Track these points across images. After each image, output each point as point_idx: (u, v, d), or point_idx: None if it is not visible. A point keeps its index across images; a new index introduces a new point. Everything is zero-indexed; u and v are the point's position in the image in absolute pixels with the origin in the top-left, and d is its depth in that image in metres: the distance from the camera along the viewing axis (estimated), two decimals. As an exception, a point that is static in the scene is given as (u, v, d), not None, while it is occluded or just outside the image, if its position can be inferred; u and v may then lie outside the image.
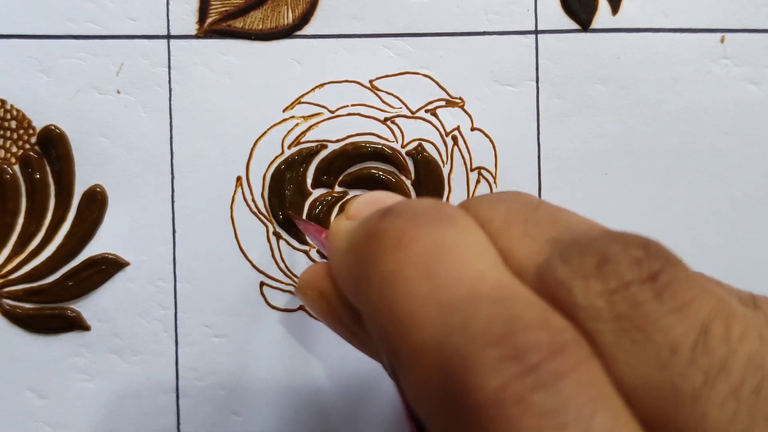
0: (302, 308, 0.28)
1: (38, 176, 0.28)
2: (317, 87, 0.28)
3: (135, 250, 0.28)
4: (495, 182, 0.28)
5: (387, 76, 0.28)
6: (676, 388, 0.12)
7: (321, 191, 0.28)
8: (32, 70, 0.27)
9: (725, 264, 0.29)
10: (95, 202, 0.28)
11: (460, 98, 0.28)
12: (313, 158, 0.28)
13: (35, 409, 0.28)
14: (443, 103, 0.28)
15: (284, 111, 0.28)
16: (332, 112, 0.28)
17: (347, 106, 0.28)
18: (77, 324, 0.28)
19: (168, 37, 0.28)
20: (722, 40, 0.29)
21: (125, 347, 0.28)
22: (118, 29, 0.27)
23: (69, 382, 0.28)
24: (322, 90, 0.28)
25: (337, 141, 0.28)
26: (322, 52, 0.28)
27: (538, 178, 0.28)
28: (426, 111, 0.28)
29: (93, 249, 0.28)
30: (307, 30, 0.28)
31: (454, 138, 0.28)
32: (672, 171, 0.29)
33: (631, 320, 0.12)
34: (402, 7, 0.28)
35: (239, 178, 0.28)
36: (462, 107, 0.28)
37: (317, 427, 0.28)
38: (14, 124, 0.27)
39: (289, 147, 0.28)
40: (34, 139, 0.27)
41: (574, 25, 0.28)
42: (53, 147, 0.27)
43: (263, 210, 0.28)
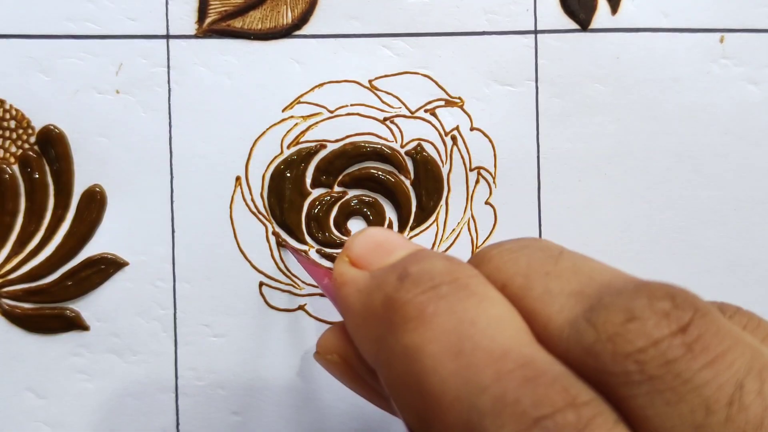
0: (301, 308, 0.28)
1: (37, 176, 0.28)
2: (316, 87, 0.28)
3: (134, 250, 0.28)
4: (494, 182, 0.28)
5: (386, 76, 0.28)
6: None
7: (320, 191, 0.28)
8: (31, 70, 0.27)
9: (725, 264, 0.29)
10: (94, 202, 0.28)
11: (460, 98, 0.28)
12: (313, 158, 0.28)
13: (34, 409, 0.28)
14: (442, 103, 0.28)
15: (283, 111, 0.28)
16: (331, 112, 0.28)
17: (346, 106, 0.28)
18: (76, 324, 0.28)
19: (167, 37, 0.28)
20: (722, 40, 0.28)
21: (124, 347, 0.28)
22: (118, 29, 0.27)
23: (68, 382, 0.28)
24: (322, 90, 0.28)
25: (337, 141, 0.28)
26: (322, 52, 0.28)
27: (538, 178, 0.28)
28: (425, 111, 0.28)
29: (92, 249, 0.28)
30: (307, 30, 0.28)
31: (454, 138, 0.28)
32: (671, 171, 0.29)
33: (664, 380, 0.12)
34: (401, 7, 0.28)
35: (238, 178, 0.28)
36: (461, 107, 0.28)
37: (317, 427, 0.28)
38: (13, 124, 0.27)
39: (289, 147, 0.28)
40: (33, 139, 0.28)
41: (574, 25, 0.28)
42: (52, 147, 0.27)
43: (262, 210, 0.28)
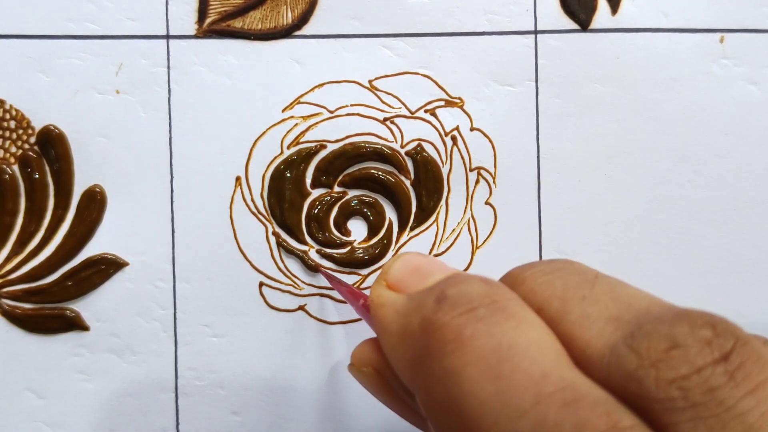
0: (301, 308, 0.28)
1: (37, 176, 0.28)
2: (316, 87, 0.28)
3: (134, 250, 0.28)
4: (494, 182, 0.28)
5: (386, 76, 0.28)
6: None
7: (320, 191, 0.28)
8: (31, 70, 0.27)
9: (725, 264, 0.29)
10: (94, 202, 0.28)
11: (460, 98, 0.28)
12: (313, 158, 0.28)
13: (34, 409, 0.28)
14: (442, 103, 0.28)
15: (283, 111, 0.28)
16: (331, 112, 0.28)
17: (346, 106, 0.28)
18: (76, 324, 0.28)
19: (167, 37, 0.28)
20: (721, 40, 0.28)
21: (124, 347, 0.28)
22: (118, 29, 0.27)
23: (68, 382, 0.28)
24: (322, 90, 0.28)
25: (337, 141, 0.28)
26: (322, 52, 0.28)
27: (538, 178, 0.28)
28: (425, 111, 0.28)
29: (92, 249, 0.28)
30: (307, 30, 0.28)
31: (454, 138, 0.28)
32: (671, 171, 0.29)
33: (707, 407, 0.12)
34: (401, 7, 0.28)
35: (238, 178, 0.28)
36: (461, 107, 0.28)
37: (317, 427, 0.28)
38: (13, 124, 0.27)
39: (289, 147, 0.28)
40: (33, 139, 0.28)
41: (574, 25, 0.28)
42: (52, 147, 0.27)
43: (262, 210, 0.28)
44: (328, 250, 0.28)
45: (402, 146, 0.28)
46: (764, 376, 0.13)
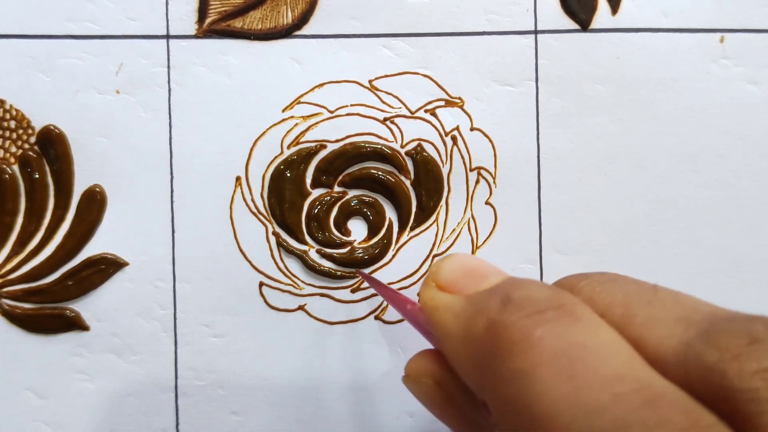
0: (301, 308, 0.28)
1: (37, 176, 0.28)
2: (316, 87, 0.28)
3: (134, 250, 0.28)
4: (494, 182, 0.28)
5: (386, 76, 0.28)
6: None
7: (320, 191, 0.28)
8: (31, 70, 0.27)
9: (726, 264, 0.29)
10: (94, 202, 0.28)
11: (460, 98, 0.28)
12: (313, 158, 0.28)
13: (34, 409, 0.28)
14: (442, 103, 0.28)
15: (283, 111, 0.28)
16: (331, 112, 0.28)
17: (346, 106, 0.28)
18: (76, 324, 0.28)
19: (167, 37, 0.28)
20: (722, 40, 0.28)
21: (124, 347, 0.28)
22: (118, 29, 0.27)
23: (68, 382, 0.28)
24: (322, 90, 0.28)
25: (337, 141, 0.28)
26: (322, 52, 0.28)
27: (538, 178, 0.28)
28: (425, 111, 0.28)
29: (92, 249, 0.28)
30: (307, 30, 0.28)
31: (454, 138, 0.28)
32: (671, 171, 0.29)
33: None
34: (401, 7, 0.28)
35: (238, 178, 0.28)
36: (461, 107, 0.28)
37: (317, 427, 0.28)
38: (13, 124, 0.27)
39: (289, 147, 0.28)
40: (34, 139, 0.28)
41: (574, 25, 0.28)
42: (52, 147, 0.27)
43: (262, 210, 0.28)
44: (328, 250, 0.28)
45: (402, 146, 0.28)
46: None
